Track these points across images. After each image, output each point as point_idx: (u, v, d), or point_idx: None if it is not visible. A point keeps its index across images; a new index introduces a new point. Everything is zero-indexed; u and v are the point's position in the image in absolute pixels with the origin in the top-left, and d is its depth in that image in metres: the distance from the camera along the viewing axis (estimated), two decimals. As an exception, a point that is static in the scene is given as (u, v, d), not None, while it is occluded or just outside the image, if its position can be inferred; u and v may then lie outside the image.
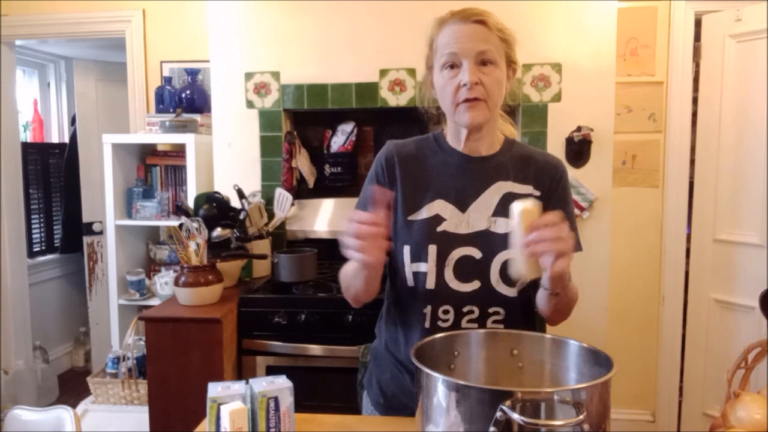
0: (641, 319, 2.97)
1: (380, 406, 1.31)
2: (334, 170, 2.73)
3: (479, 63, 1.14)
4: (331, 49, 2.52)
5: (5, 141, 3.28)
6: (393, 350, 1.28)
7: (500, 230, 1.18)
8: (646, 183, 2.91)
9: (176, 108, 2.92)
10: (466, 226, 1.19)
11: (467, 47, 1.14)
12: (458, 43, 1.14)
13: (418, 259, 1.20)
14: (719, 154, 2.75)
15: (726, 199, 2.74)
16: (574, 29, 2.41)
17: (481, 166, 1.23)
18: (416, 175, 1.24)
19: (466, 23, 1.15)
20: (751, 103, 2.61)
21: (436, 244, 1.19)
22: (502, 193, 1.21)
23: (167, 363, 2.06)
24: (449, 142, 1.26)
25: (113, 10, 3.11)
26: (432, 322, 1.20)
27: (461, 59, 1.14)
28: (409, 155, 1.26)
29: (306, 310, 2.15)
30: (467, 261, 1.19)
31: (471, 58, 1.14)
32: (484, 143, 1.23)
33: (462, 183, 1.22)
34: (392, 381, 1.28)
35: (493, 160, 1.23)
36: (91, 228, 3.64)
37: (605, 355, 0.93)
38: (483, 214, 1.20)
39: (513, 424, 0.78)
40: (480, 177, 1.22)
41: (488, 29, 1.15)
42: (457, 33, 1.15)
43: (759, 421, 0.99)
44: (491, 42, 1.15)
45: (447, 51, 1.15)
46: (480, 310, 1.19)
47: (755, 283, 2.57)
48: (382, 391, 1.31)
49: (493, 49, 1.15)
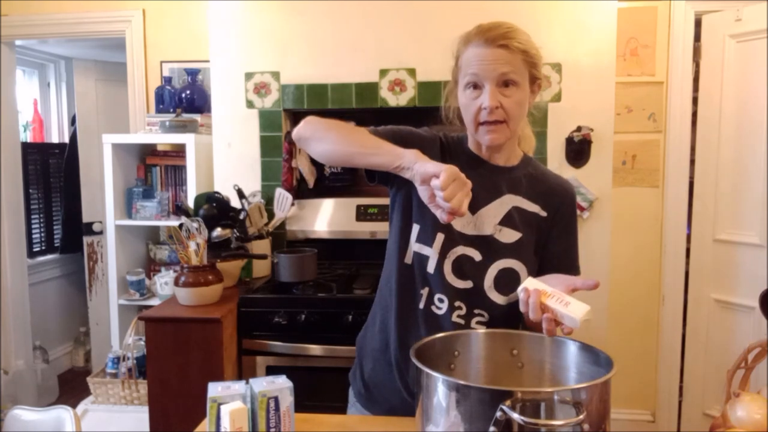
0: (641, 319, 2.97)
1: (361, 397, 1.33)
2: (334, 170, 2.74)
3: (501, 85, 1.16)
4: (331, 49, 2.52)
5: (5, 141, 3.28)
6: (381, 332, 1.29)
7: (504, 239, 1.22)
8: (646, 183, 2.91)
9: (176, 108, 2.92)
10: (473, 227, 1.22)
11: (489, 70, 1.16)
12: (480, 65, 1.16)
13: (424, 242, 1.22)
14: (719, 154, 2.75)
15: (726, 199, 2.74)
16: (574, 29, 2.41)
17: (497, 176, 1.26)
18: None
19: (489, 47, 1.16)
20: (751, 103, 2.61)
21: (445, 235, 1.21)
22: (512, 205, 1.24)
23: (167, 363, 2.06)
24: (470, 147, 1.29)
25: (113, 10, 3.11)
26: (426, 305, 1.23)
27: (483, 82, 1.17)
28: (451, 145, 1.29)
29: (306, 310, 2.15)
30: (466, 260, 1.21)
31: (493, 81, 1.16)
32: (502, 156, 1.27)
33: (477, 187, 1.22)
34: (374, 372, 1.30)
35: (509, 173, 1.27)
36: (91, 228, 3.64)
37: (605, 355, 0.93)
38: (491, 221, 1.23)
39: (513, 423, 0.78)
40: (495, 185, 1.25)
41: (511, 53, 1.16)
42: (480, 56, 1.16)
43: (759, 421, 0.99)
44: (514, 65, 1.16)
45: (470, 72, 1.18)
46: (467, 309, 1.22)
47: (755, 283, 2.57)
48: (364, 383, 1.32)
49: (516, 71, 1.17)
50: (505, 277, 1.21)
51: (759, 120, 2.58)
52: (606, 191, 2.46)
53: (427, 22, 2.44)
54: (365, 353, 1.34)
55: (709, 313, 2.82)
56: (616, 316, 2.82)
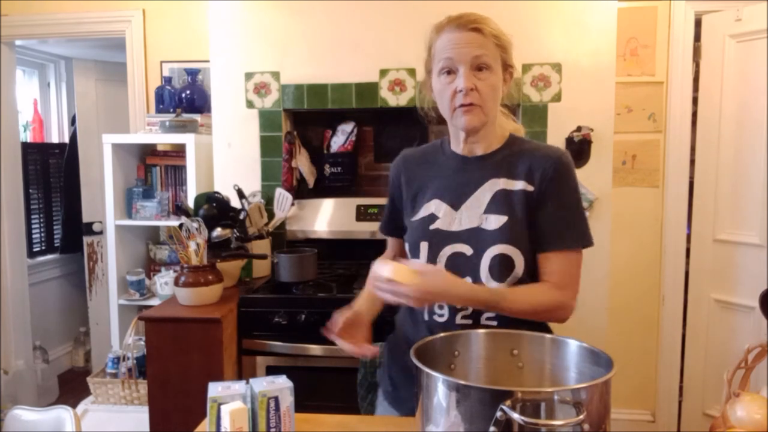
0: (641, 319, 2.97)
1: (388, 395, 1.36)
2: (334, 170, 2.73)
3: (475, 69, 1.18)
4: (331, 49, 2.52)
5: (5, 141, 3.28)
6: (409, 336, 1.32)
7: (490, 226, 1.21)
8: (646, 183, 2.91)
9: (176, 108, 2.92)
10: (458, 223, 1.23)
11: (463, 53, 1.18)
12: (454, 49, 1.18)
13: (415, 255, 1.26)
14: (719, 154, 2.75)
15: (726, 199, 2.74)
16: (574, 29, 2.41)
17: (476, 166, 1.26)
18: (419, 179, 1.32)
19: (462, 31, 1.19)
20: (751, 103, 2.61)
21: (428, 242, 1.24)
22: (495, 190, 1.23)
23: (167, 363, 2.06)
24: (451, 146, 1.31)
25: (113, 10, 3.11)
26: (429, 316, 1.25)
27: (457, 65, 1.19)
28: (414, 161, 1.36)
29: (306, 310, 2.15)
30: (459, 258, 1.22)
31: (467, 64, 1.18)
32: (481, 144, 1.27)
33: (457, 182, 1.27)
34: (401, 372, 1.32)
35: (490, 158, 1.26)
36: (91, 228, 3.64)
37: (605, 355, 0.93)
38: (475, 212, 1.23)
39: (513, 423, 0.78)
40: (475, 176, 1.25)
41: (484, 36, 1.19)
42: (454, 40, 1.19)
43: (759, 421, 0.99)
44: (487, 48, 1.18)
45: (444, 56, 1.20)
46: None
47: (755, 283, 2.57)
48: (392, 381, 1.35)
49: (489, 54, 1.19)
50: (499, 263, 1.19)
51: (759, 120, 2.58)
52: (606, 191, 2.46)
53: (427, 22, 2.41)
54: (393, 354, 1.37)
55: (709, 313, 2.82)
56: (616, 316, 2.82)
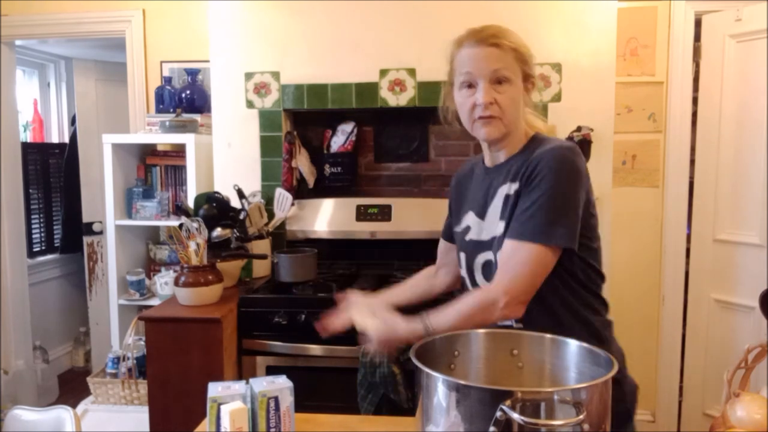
0: (641, 319, 2.96)
1: None
2: (334, 170, 2.73)
3: (494, 82, 1.21)
4: (331, 49, 2.52)
5: (5, 141, 3.28)
6: None
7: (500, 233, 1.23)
8: (646, 183, 2.91)
9: (176, 108, 2.92)
10: (486, 233, 1.27)
11: (481, 68, 1.21)
12: (474, 64, 1.21)
13: (459, 266, 1.35)
14: (719, 154, 2.75)
15: (726, 199, 2.74)
16: (574, 29, 2.41)
17: (494, 174, 1.30)
18: (462, 193, 1.40)
19: (481, 46, 1.21)
20: (751, 103, 2.60)
21: (465, 252, 1.32)
22: (503, 196, 1.25)
23: (167, 363, 2.06)
24: (484, 161, 1.36)
25: (113, 10, 3.11)
26: None
27: (477, 79, 1.21)
28: (463, 174, 1.43)
29: (306, 310, 2.15)
30: (488, 266, 1.27)
31: (486, 78, 1.20)
32: (504, 153, 1.29)
33: (481, 193, 1.32)
34: None
35: (504, 166, 1.29)
36: (91, 228, 3.64)
37: (605, 355, 0.93)
38: (494, 220, 1.26)
39: (513, 423, 0.78)
40: (492, 185, 1.29)
41: (502, 50, 1.21)
42: (473, 55, 1.22)
43: (759, 421, 0.99)
44: (505, 61, 1.21)
45: (464, 71, 1.23)
46: None
47: (755, 283, 2.56)
48: None
49: (508, 67, 1.21)
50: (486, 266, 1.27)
51: (759, 120, 2.58)
52: (606, 191, 2.45)
53: (427, 22, 2.44)
54: None
55: (709, 313, 2.82)
56: (616, 316, 2.78)
